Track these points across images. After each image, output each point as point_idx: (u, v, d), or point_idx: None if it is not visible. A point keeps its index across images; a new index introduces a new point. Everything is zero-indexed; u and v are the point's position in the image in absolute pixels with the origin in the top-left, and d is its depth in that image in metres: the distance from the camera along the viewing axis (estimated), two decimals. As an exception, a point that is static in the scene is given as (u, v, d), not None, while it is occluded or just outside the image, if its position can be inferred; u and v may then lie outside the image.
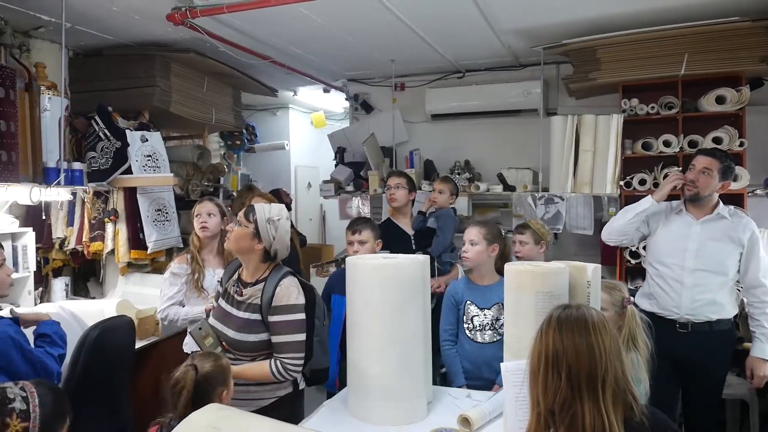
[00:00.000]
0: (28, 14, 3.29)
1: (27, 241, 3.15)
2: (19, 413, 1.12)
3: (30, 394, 1.15)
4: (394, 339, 1.87)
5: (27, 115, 3.01)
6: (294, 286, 2.07)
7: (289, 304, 2.02)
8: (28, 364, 1.83)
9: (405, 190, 3.44)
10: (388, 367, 1.87)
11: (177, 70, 4.05)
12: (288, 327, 2.02)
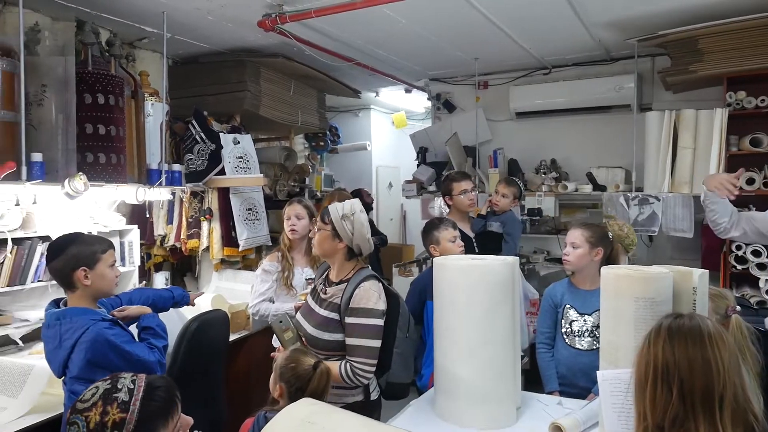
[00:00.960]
0: (134, 27, 3.54)
1: (133, 237, 3.38)
2: (120, 404, 1.17)
3: (137, 388, 1.20)
4: (483, 342, 1.84)
5: (133, 121, 3.24)
6: (374, 290, 2.04)
7: (366, 308, 2.00)
8: (127, 364, 1.91)
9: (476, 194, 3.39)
10: (476, 370, 1.84)
11: (266, 74, 4.21)
12: (362, 330, 1.99)
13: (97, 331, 1.89)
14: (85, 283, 1.98)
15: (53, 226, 2.87)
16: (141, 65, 3.79)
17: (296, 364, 1.80)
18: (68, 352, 1.89)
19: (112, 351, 1.90)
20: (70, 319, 1.92)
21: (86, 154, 2.85)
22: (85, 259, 1.99)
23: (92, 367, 1.88)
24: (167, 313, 2.74)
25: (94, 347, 1.87)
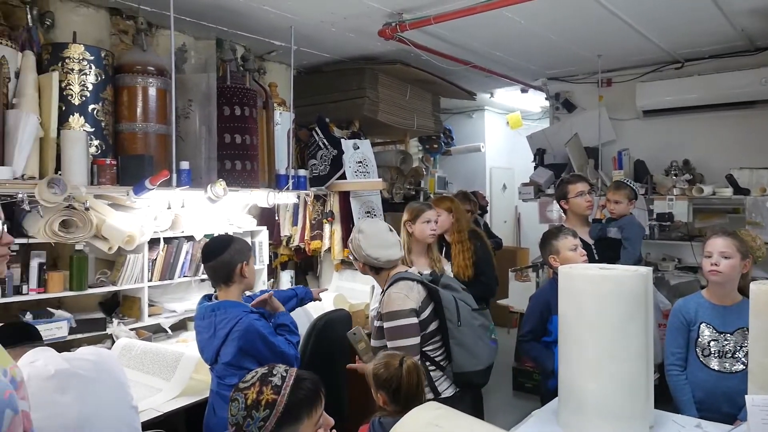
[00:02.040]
0: (264, 41, 3.81)
1: (262, 238, 3.64)
2: (273, 387, 1.33)
3: (289, 376, 1.36)
4: (612, 356, 1.77)
5: (264, 130, 3.48)
6: (398, 292, 2.19)
7: (392, 311, 2.17)
8: (272, 354, 2.10)
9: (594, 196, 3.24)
10: (605, 385, 1.77)
11: (384, 80, 4.33)
12: (394, 332, 2.15)
13: (249, 322, 2.08)
14: (244, 275, 2.19)
15: (197, 227, 3.17)
16: (270, 77, 4.05)
17: (384, 368, 1.87)
18: (222, 341, 2.09)
19: (261, 341, 2.09)
20: (224, 310, 2.12)
21: (225, 161, 3.11)
22: (246, 253, 2.22)
23: (242, 355, 2.07)
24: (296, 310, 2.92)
25: (245, 336, 2.06)
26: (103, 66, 2.71)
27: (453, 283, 2.43)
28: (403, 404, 1.80)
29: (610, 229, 3.16)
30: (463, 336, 2.24)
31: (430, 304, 2.26)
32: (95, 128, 2.65)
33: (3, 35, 2.51)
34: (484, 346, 2.32)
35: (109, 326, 2.84)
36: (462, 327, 2.23)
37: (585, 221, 3.22)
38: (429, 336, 2.26)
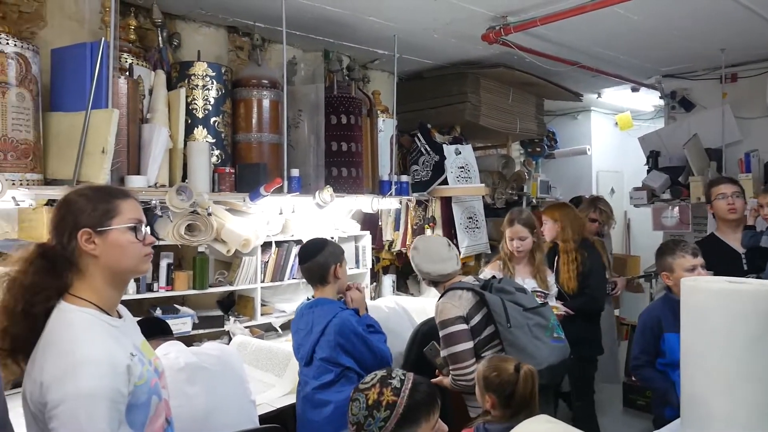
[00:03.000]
0: (368, 51, 3.90)
1: (365, 242, 3.73)
2: (393, 389, 1.40)
3: (407, 379, 1.40)
4: (746, 377, 1.62)
5: (368, 137, 3.57)
6: (446, 302, 2.26)
7: (441, 320, 2.24)
8: (369, 351, 2.17)
9: (742, 200, 2.96)
10: (738, 407, 1.64)
11: (486, 84, 4.28)
12: (445, 340, 2.22)
13: (344, 318, 2.16)
14: (337, 276, 2.29)
15: (305, 231, 3.31)
16: (373, 85, 4.15)
17: (499, 371, 1.83)
18: (318, 336, 2.17)
19: (356, 337, 2.16)
20: (321, 307, 2.23)
21: (332, 168, 3.23)
22: (338, 256, 2.33)
23: (339, 350, 2.14)
24: (399, 314, 2.96)
25: (342, 331, 2.14)
26: (223, 81, 2.91)
27: (507, 286, 2.37)
28: (514, 410, 1.78)
29: (764, 237, 2.87)
30: (515, 337, 2.18)
31: (481, 310, 2.25)
32: (216, 139, 2.86)
33: (139, 56, 2.77)
34: (542, 345, 2.23)
35: (227, 323, 3.03)
36: (512, 328, 2.19)
37: (735, 227, 2.98)
38: (486, 341, 2.25)
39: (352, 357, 2.14)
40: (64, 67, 2.42)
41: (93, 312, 1.27)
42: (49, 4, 2.66)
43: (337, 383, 2.14)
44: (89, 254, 1.28)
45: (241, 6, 3.05)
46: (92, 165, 2.24)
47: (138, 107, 2.61)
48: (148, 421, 1.29)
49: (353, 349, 2.14)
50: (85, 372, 1.16)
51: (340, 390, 2.11)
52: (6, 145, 2.16)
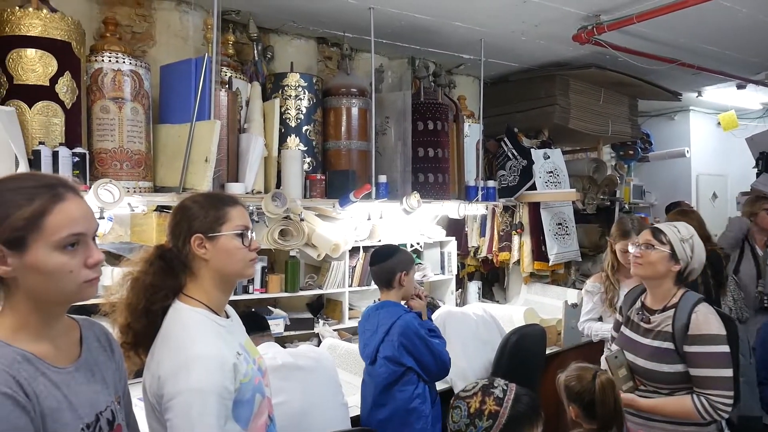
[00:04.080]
0: (454, 56, 3.89)
1: (451, 248, 3.71)
2: (495, 398, 1.39)
3: (509, 390, 1.38)
4: None
5: (454, 142, 3.55)
6: (713, 315, 1.89)
7: (710, 334, 1.84)
8: (430, 354, 2.19)
9: None
10: None
11: (575, 86, 4.14)
12: (711, 359, 1.83)
13: (408, 320, 2.20)
14: (402, 283, 2.30)
15: (391, 236, 3.34)
16: (458, 90, 4.13)
17: (576, 381, 1.75)
18: (383, 336, 2.22)
19: (418, 339, 2.17)
20: (386, 309, 2.28)
21: (418, 174, 3.25)
22: (406, 264, 2.33)
23: (402, 351, 2.16)
24: (487, 322, 2.91)
25: (405, 332, 2.17)
26: (314, 91, 3.00)
27: None
28: (601, 422, 1.70)
29: None
30: (752, 375, 1.98)
31: None
32: (308, 147, 2.95)
33: (236, 70, 2.92)
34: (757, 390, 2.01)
35: (316, 326, 3.12)
36: (751, 365, 1.99)
37: None
38: None
39: (414, 357, 2.18)
40: (171, 82, 2.60)
41: (203, 312, 1.35)
42: (157, 24, 2.86)
43: (399, 382, 2.19)
44: (201, 258, 1.36)
45: (330, 18, 3.14)
46: (196, 173, 2.39)
47: (236, 118, 2.74)
48: (252, 418, 1.35)
49: (415, 350, 2.17)
50: (197, 368, 1.23)
51: (402, 389, 2.17)
52: (122, 156, 2.34)
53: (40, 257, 0.97)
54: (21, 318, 1.00)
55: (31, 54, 2.09)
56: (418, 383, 2.19)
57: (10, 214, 0.95)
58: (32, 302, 1.00)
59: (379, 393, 2.20)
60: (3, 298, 1.00)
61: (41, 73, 2.10)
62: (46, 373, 0.98)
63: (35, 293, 0.99)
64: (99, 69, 2.33)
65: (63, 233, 0.98)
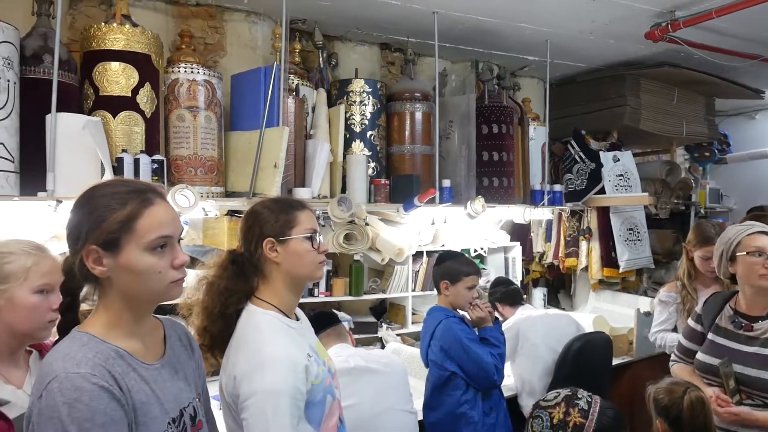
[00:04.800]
0: (518, 58, 3.82)
1: (515, 254, 3.64)
2: (580, 410, 1.36)
3: (594, 402, 1.35)
4: None
5: (519, 146, 3.49)
6: None
7: None
8: (467, 358, 2.19)
9: None
10: None
11: (647, 85, 3.98)
12: None
13: (448, 324, 2.25)
14: (445, 293, 2.36)
15: (455, 241, 3.31)
16: (523, 92, 4.05)
17: (665, 394, 1.68)
18: (429, 340, 2.29)
19: (456, 342, 2.20)
20: (432, 314, 2.37)
21: (482, 178, 3.21)
22: (450, 274, 2.35)
23: (444, 354, 2.21)
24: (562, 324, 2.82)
25: (444, 336, 2.23)
26: (378, 96, 3.03)
27: None
28: None
29: None
30: None
31: None
32: (372, 152, 2.97)
33: (303, 77, 2.98)
34: None
35: (379, 330, 3.13)
36: None
37: None
38: None
39: (456, 363, 2.21)
40: (241, 90, 2.69)
41: (275, 314, 1.38)
42: (228, 35, 2.96)
43: (447, 387, 2.22)
44: (272, 261, 1.39)
45: (394, 23, 3.15)
46: (265, 178, 2.45)
47: (303, 124, 2.80)
48: (323, 419, 1.36)
49: (456, 355, 2.20)
50: (270, 369, 1.26)
51: (450, 394, 2.21)
52: (196, 162, 2.44)
53: (132, 258, 1.02)
54: (114, 316, 1.05)
55: (115, 67, 2.21)
56: (467, 389, 2.21)
57: (106, 217, 1.01)
58: (124, 301, 1.06)
59: (429, 396, 2.28)
60: (98, 298, 1.07)
61: (124, 84, 2.22)
62: (136, 368, 1.03)
63: (127, 292, 1.05)
64: (175, 80, 2.44)
65: (153, 235, 1.04)
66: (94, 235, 1.01)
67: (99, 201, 1.03)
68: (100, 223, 1.01)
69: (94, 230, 1.01)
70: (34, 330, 1.33)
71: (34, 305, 1.31)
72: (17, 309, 1.29)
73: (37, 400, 0.92)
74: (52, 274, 1.33)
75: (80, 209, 1.05)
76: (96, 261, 1.02)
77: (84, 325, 1.05)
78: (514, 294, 3.01)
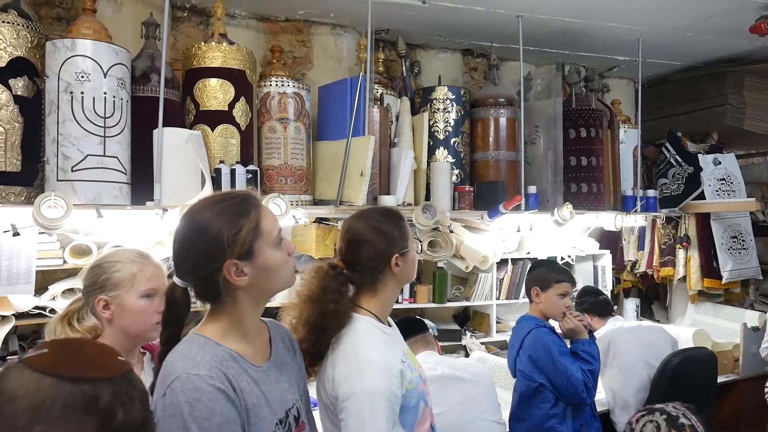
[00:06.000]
0: (606, 58, 3.67)
1: (605, 262, 3.49)
2: (689, 428, 1.30)
3: (696, 423, 1.25)
4: None
5: (609, 150, 3.35)
6: None
7: None
8: (555, 370, 2.11)
9: None
10: None
11: (751, 82, 3.69)
12: None
13: (538, 334, 2.18)
14: (536, 300, 2.28)
15: (541, 249, 3.23)
16: (612, 94, 3.89)
17: None
18: (517, 350, 2.23)
19: (545, 353, 2.13)
20: (522, 323, 2.30)
21: (570, 184, 3.11)
22: (539, 281, 2.29)
23: (532, 365, 2.15)
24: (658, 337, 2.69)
25: (533, 346, 2.16)
26: (462, 103, 3.01)
27: None
28: None
29: None
30: None
31: None
32: (456, 159, 2.96)
33: (386, 86, 3.03)
34: None
35: (463, 338, 3.10)
36: None
37: None
38: None
39: (544, 375, 2.14)
40: (328, 101, 2.77)
41: (372, 320, 1.40)
42: (315, 48, 3.06)
43: (535, 398, 2.16)
44: (395, 274, 1.42)
45: (477, 29, 3.13)
46: (352, 187, 2.50)
47: (387, 133, 2.84)
48: (416, 424, 1.37)
49: (545, 367, 2.14)
50: (368, 372, 1.28)
51: (538, 406, 2.15)
52: (287, 172, 2.53)
53: (267, 257, 1.11)
54: (232, 321, 1.12)
55: (214, 83, 2.34)
56: (556, 402, 2.14)
57: (240, 228, 1.07)
58: (252, 302, 1.13)
59: (516, 407, 2.23)
60: (219, 306, 1.12)
61: (221, 99, 2.35)
62: (247, 370, 1.09)
63: (262, 291, 1.14)
64: (267, 93, 2.55)
65: (274, 232, 1.13)
66: (233, 250, 1.06)
67: (219, 220, 1.07)
68: (235, 237, 1.06)
69: (231, 245, 1.06)
70: (144, 331, 1.43)
71: (142, 308, 1.41)
72: (128, 313, 1.40)
73: (161, 398, 0.99)
74: (156, 279, 1.44)
75: (200, 235, 1.07)
76: (238, 273, 1.07)
77: (201, 329, 1.12)
78: (603, 304, 2.88)
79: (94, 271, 1.42)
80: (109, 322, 1.40)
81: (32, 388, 0.71)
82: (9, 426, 0.70)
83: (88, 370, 0.76)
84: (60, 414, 0.70)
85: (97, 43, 2.07)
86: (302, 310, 1.38)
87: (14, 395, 0.71)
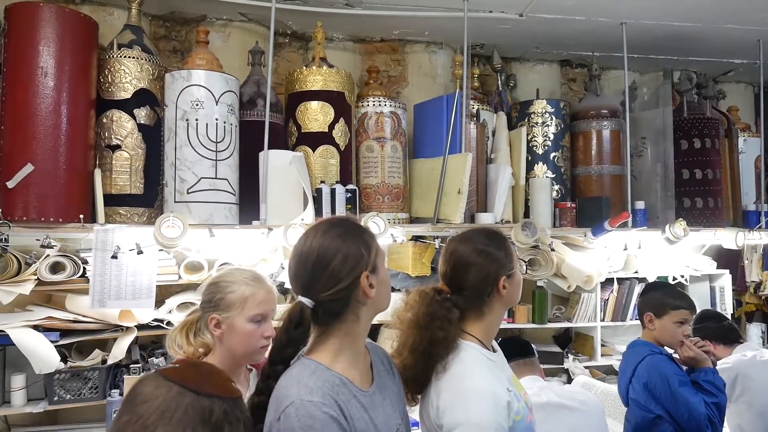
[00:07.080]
0: (720, 62, 3.41)
1: (723, 283, 3.20)
2: None
3: None
4: None
5: (727, 161, 3.09)
6: None
7: None
8: (674, 402, 1.92)
9: None
10: None
11: None
12: None
13: (654, 361, 2.00)
14: (649, 326, 2.11)
15: (650, 268, 3.02)
16: (728, 101, 3.60)
17: None
18: (629, 377, 2.04)
19: (663, 383, 1.94)
20: (634, 349, 2.11)
21: (683, 199, 2.90)
22: (654, 306, 2.11)
23: (648, 395, 1.96)
24: None
25: (649, 374, 1.98)
26: (562, 116, 2.91)
27: None
28: None
29: None
30: None
31: None
32: (556, 174, 2.86)
33: (482, 101, 2.99)
34: None
35: (565, 361, 2.95)
36: None
37: None
38: None
39: (661, 405, 1.95)
40: (424, 118, 2.77)
41: (477, 347, 1.36)
42: (409, 66, 3.09)
43: (651, 430, 1.97)
44: (502, 296, 1.39)
45: (576, 39, 3.02)
46: (449, 204, 2.48)
47: (484, 149, 2.80)
48: (523, 457, 1.31)
49: (661, 396, 1.95)
50: (474, 402, 1.24)
51: None
52: (384, 190, 2.56)
53: (383, 273, 1.20)
54: (341, 344, 1.13)
55: (314, 105, 2.42)
56: None
57: (370, 244, 1.17)
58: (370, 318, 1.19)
59: None
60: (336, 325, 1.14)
61: (322, 121, 2.42)
62: (356, 395, 1.09)
63: (379, 306, 1.19)
64: (365, 113, 2.59)
65: (383, 252, 1.22)
66: (367, 263, 1.14)
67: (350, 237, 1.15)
68: (368, 251, 1.15)
69: (366, 259, 1.14)
70: (249, 354, 1.47)
71: (250, 332, 1.44)
72: (236, 334, 1.44)
73: (276, 422, 1.01)
74: (266, 304, 1.47)
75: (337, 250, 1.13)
76: (371, 285, 1.14)
77: (311, 353, 1.13)
78: (729, 330, 2.60)
79: (211, 289, 1.49)
80: (219, 341, 1.46)
81: (162, 393, 0.84)
82: (140, 424, 0.82)
83: (208, 386, 0.88)
84: (181, 420, 0.82)
85: (209, 73, 2.21)
86: (408, 336, 1.35)
87: (148, 397, 0.84)
